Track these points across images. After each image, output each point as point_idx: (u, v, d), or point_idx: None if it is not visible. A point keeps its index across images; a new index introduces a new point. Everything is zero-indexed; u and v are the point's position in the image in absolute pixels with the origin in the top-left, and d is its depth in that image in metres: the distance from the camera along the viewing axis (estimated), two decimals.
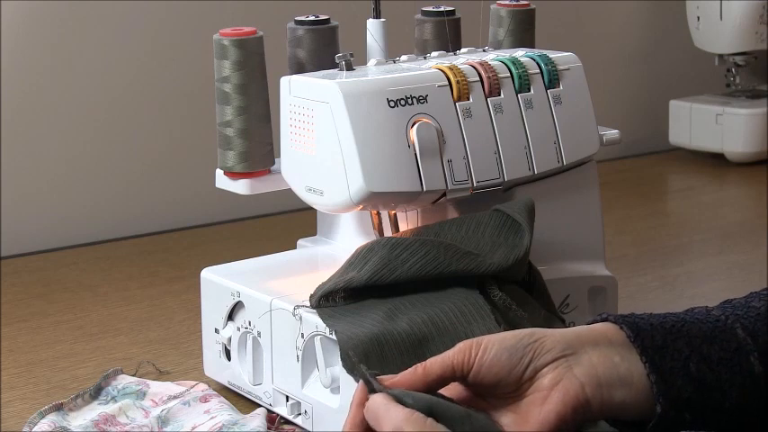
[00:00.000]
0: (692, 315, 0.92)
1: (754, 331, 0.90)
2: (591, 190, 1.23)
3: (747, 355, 0.89)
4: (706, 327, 0.90)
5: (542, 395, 0.86)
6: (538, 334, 0.88)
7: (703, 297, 1.48)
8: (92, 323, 1.44)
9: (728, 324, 0.90)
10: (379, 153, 1.09)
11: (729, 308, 0.93)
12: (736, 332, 0.90)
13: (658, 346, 0.88)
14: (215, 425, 1.10)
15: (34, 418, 1.13)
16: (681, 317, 0.91)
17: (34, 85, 1.76)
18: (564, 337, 0.88)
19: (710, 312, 0.92)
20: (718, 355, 0.88)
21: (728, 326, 0.90)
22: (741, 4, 2.12)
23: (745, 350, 0.89)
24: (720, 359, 0.88)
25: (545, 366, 0.87)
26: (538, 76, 1.17)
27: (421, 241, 1.06)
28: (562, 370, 0.87)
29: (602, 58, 2.27)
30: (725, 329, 0.90)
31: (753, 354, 0.89)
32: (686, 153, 2.23)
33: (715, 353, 0.89)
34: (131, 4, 1.81)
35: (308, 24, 1.21)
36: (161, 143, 1.87)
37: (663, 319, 0.91)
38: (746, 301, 0.93)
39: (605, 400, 0.87)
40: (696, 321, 0.91)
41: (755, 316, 0.91)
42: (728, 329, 0.90)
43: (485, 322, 1.02)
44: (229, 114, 1.18)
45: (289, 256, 1.27)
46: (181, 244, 1.76)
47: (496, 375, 0.87)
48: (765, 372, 0.89)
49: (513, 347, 0.87)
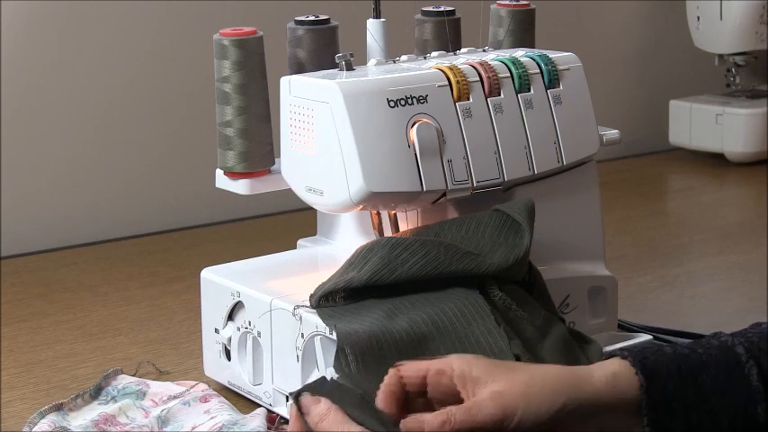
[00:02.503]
0: (713, 354, 0.92)
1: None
2: (591, 190, 1.23)
3: (756, 404, 0.90)
4: (723, 373, 0.91)
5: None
6: (568, 405, 0.88)
7: (703, 297, 1.48)
8: (92, 323, 1.44)
9: (747, 368, 0.91)
10: (379, 153, 1.09)
11: (756, 338, 0.93)
12: (751, 378, 0.91)
13: (667, 397, 0.89)
14: (215, 425, 1.10)
15: (34, 418, 1.13)
16: (701, 357, 0.92)
17: (34, 85, 1.76)
18: (587, 406, 0.88)
19: (734, 349, 0.92)
20: (724, 406, 0.90)
21: (746, 370, 0.91)
22: (741, 4, 2.12)
23: (754, 399, 0.91)
24: (725, 410, 0.90)
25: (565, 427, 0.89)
26: (538, 76, 1.17)
27: (421, 241, 1.06)
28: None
29: (602, 58, 2.27)
30: (741, 376, 0.91)
31: (761, 403, 0.90)
32: (686, 153, 2.23)
33: (721, 404, 0.90)
34: (131, 4, 1.81)
35: (308, 24, 1.21)
36: (161, 143, 1.87)
37: (682, 363, 0.91)
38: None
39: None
40: (714, 364, 0.91)
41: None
42: (744, 375, 0.91)
43: (484, 322, 1.02)
44: (229, 114, 1.18)
45: (289, 256, 1.27)
46: (181, 244, 1.76)
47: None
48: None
49: (548, 422, 0.87)
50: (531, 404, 0.87)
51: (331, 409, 0.86)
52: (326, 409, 0.86)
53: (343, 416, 0.85)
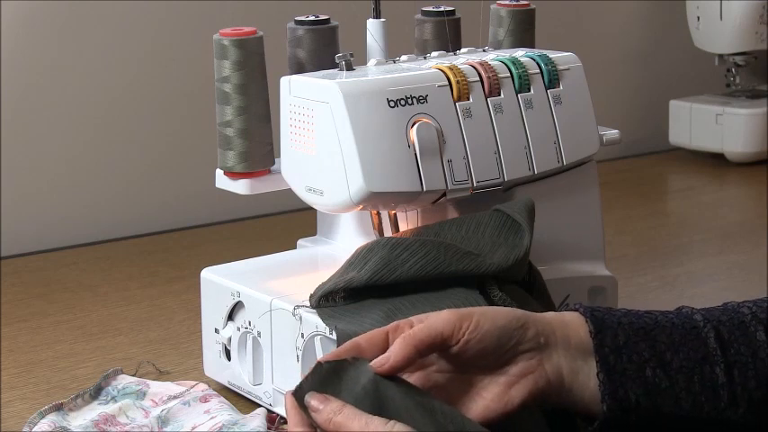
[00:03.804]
0: (670, 317, 0.94)
1: (729, 341, 0.91)
2: (591, 190, 1.23)
3: (713, 365, 0.91)
4: (678, 332, 0.92)
5: (510, 380, 0.90)
6: (523, 319, 0.90)
7: (703, 297, 1.48)
8: (92, 323, 1.44)
9: (704, 332, 0.92)
10: (379, 153, 1.09)
11: (717, 312, 0.94)
12: (708, 341, 0.91)
13: (618, 346, 0.91)
14: (215, 425, 1.10)
15: (34, 418, 1.13)
16: (656, 318, 0.93)
17: (34, 85, 1.76)
18: (543, 330, 0.91)
19: (693, 316, 0.94)
20: (680, 363, 0.91)
21: (704, 334, 0.92)
22: (741, 4, 2.12)
23: (711, 360, 0.91)
24: (681, 367, 0.91)
25: (522, 354, 0.90)
26: (538, 76, 1.17)
27: (421, 241, 1.06)
28: (534, 363, 0.90)
29: (602, 58, 2.27)
30: (697, 337, 0.92)
31: (719, 365, 0.91)
32: (686, 153, 2.23)
33: (677, 360, 0.91)
34: (131, 4, 1.81)
35: (308, 24, 1.21)
36: (161, 143, 1.87)
37: (635, 319, 0.93)
38: (739, 306, 0.94)
39: (563, 397, 0.91)
40: (670, 325, 0.92)
41: (738, 324, 0.92)
42: (702, 337, 0.92)
43: None
44: (229, 114, 1.18)
45: (289, 256, 1.27)
46: (181, 244, 1.76)
47: (482, 351, 0.89)
48: (729, 383, 0.90)
49: (504, 329, 0.89)
50: (487, 312, 0.90)
51: (345, 406, 0.86)
52: (339, 405, 0.86)
53: (355, 409, 0.85)
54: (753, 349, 0.91)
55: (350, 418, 0.85)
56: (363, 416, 0.85)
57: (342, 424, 0.85)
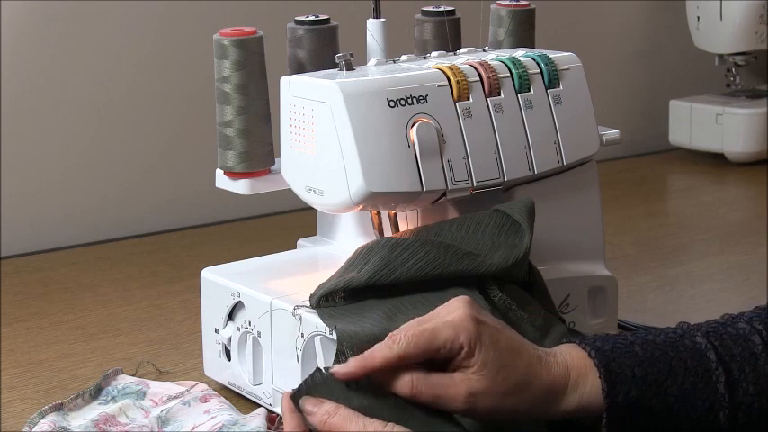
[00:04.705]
0: (683, 358, 0.94)
1: (739, 380, 0.92)
2: (591, 190, 1.23)
3: (718, 411, 0.92)
4: (690, 380, 0.93)
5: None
6: (532, 377, 0.90)
7: (703, 297, 1.48)
8: (92, 323, 1.44)
9: (715, 375, 0.93)
10: (379, 153, 1.09)
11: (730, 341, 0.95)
12: (718, 386, 0.92)
13: (630, 402, 0.91)
14: (215, 425, 1.10)
15: (34, 418, 1.13)
16: (670, 361, 0.93)
17: (34, 84, 1.76)
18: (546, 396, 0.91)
19: (706, 353, 0.94)
20: (687, 414, 0.92)
21: (714, 378, 0.93)
22: (741, 4, 2.12)
23: (717, 407, 0.92)
24: (687, 417, 0.92)
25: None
26: (538, 76, 1.17)
27: (421, 242, 1.06)
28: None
29: (602, 58, 2.27)
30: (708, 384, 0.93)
31: (723, 410, 0.92)
32: (686, 153, 2.23)
33: (684, 411, 0.92)
34: (131, 5, 1.81)
35: (308, 24, 1.21)
36: (161, 143, 1.87)
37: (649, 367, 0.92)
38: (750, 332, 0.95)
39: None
40: (683, 371, 0.93)
41: (749, 357, 0.93)
42: (712, 383, 0.93)
43: None
44: (229, 114, 1.18)
45: (289, 256, 1.27)
46: (181, 244, 1.76)
47: (477, 372, 0.89)
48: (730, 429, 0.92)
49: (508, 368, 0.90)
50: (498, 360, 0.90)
51: (339, 407, 0.86)
52: (334, 407, 0.86)
53: (351, 411, 0.86)
54: (760, 388, 0.92)
55: (346, 419, 0.85)
56: (361, 417, 0.85)
57: (337, 425, 0.85)
